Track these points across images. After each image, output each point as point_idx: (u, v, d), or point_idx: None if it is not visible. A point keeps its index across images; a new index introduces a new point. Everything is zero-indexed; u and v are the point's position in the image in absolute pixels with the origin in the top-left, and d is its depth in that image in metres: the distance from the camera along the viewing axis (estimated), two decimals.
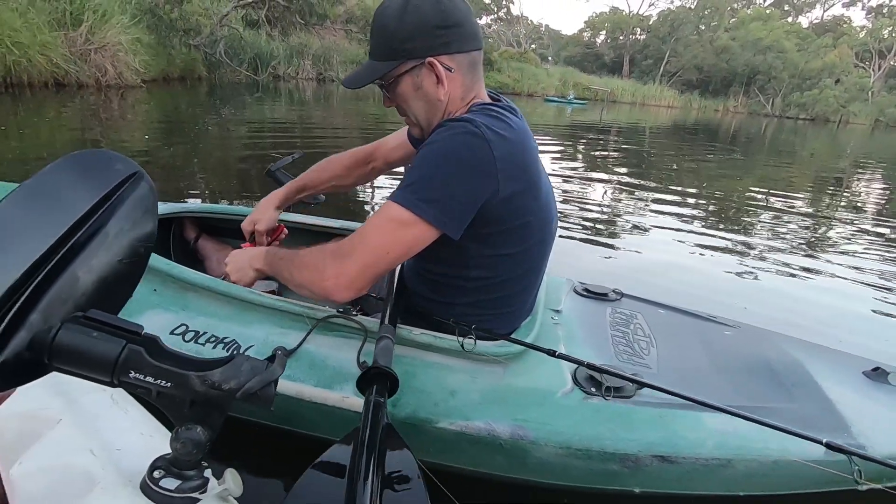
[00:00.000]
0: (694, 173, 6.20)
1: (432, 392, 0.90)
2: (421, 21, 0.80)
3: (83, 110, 6.33)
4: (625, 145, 9.05)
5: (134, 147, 4.45)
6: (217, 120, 6.78)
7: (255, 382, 0.42)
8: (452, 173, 0.78)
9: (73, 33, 7.81)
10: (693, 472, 0.87)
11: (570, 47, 47.33)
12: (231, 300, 1.03)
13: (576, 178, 5.04)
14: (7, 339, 0.39)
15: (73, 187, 0.45)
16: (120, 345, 0.40)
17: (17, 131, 4.56)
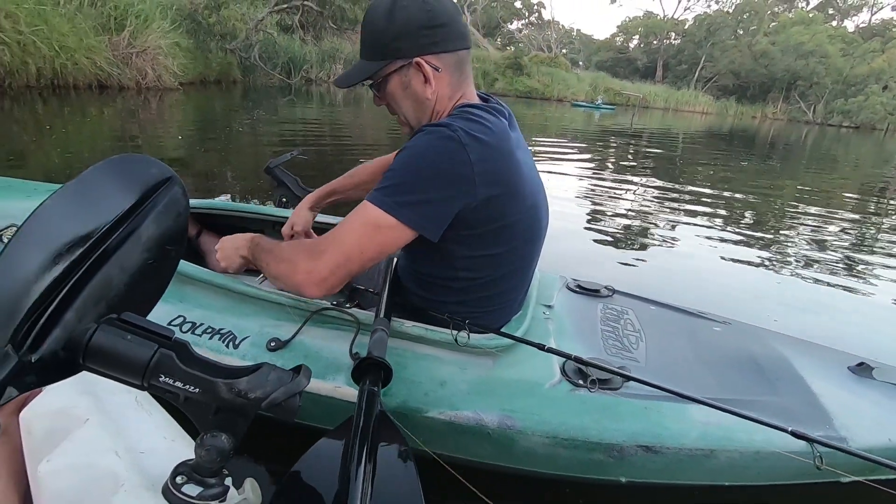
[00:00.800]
0: (726, 180, 6.00)
1: (423, 382, 0.92)
2: (408, 21, 0.82)
3: (123, 111, 6.58)
4: (655, 151, 8.86)
5: (169, 147, 4.58)
6: (250, 122, 6.94)
7: (281, 393, 0.42)
8: (428, 177, 0.79)
9: (117, 38, 8.14)
10: (677, 462, 0.88)
11: (601, 52, 46.79)
12: (227, 293, 1.06)
13: (601, 182, 4.94)
14: (44, 336, 0.39)
15: (112, 190, 0.46)
16: (152, 349, 0.40)
17: (62, 130, 4.77)
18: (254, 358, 0.95)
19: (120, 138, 4.80)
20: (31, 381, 0.40)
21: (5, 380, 0.38)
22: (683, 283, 2.51)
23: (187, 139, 5.13)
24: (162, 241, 0.49)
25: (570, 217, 3.52)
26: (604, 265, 2.65)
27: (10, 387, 0.38)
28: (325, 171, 4.28)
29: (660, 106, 30.13)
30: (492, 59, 27.87)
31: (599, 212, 3.78)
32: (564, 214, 3.56)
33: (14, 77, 6.50)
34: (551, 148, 7.59)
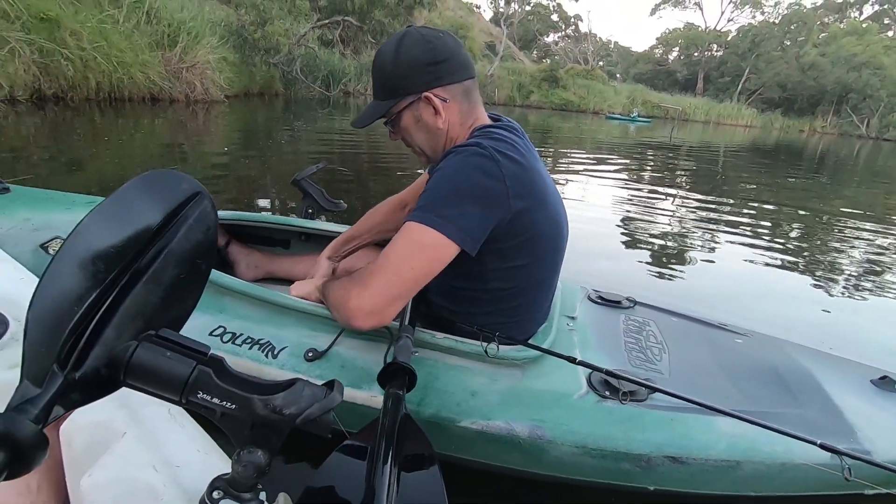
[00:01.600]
0: (770, 195, 5.77)
1: (455, 392, 0.95)
2: (413, 60, 0.89)
3: (173, 123, 6.90)
4: (694, 164, 8.62)
5: (214, 157, 4.77)
6: (290, 133, 7.17)
7: (315, 409, 0.42)
8: (466, 192, 0.82)
9: (169, 53, 8.57)
10: (703, 472, 0.90)
11: (639, 64, 46.09)
12: (265, 304, 1.09)
13: (636, 195, 4.84)
14: (86, 354, 0.40)
15: (145, 206, 0.46)
16: (191, 365, 0.41)
17: (118, 141, 5.04)
18: (292, 368, 0.98)
19: (169, 149, 5.03)
20: (76, 399, 0.40)
21: (52, 398, 0.38)
22: (711, 295, 2.43)
23: (231, 150, 5.32)
24: (193, 256, 0.49)
25: (601, 229, 3.46)
26: (634, 277, 2.59)
27: (58, 405, 0.38)
28: (361, 181, 4.36)
29: (700, 119, 29.35)
30: (527, 71, 27.87)
31: (633, 224, 3.70)
32: (596, 226, 3.51)
33: (76, 90, 6.92)
34: (587, 161, 7.50)
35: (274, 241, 1.64)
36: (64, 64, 6.57)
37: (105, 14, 7.50)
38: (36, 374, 0.39)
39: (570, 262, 1.12)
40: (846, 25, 35.60)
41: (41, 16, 6.37)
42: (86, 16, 7.08)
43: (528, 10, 42.89)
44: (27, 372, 0.39)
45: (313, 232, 1.57)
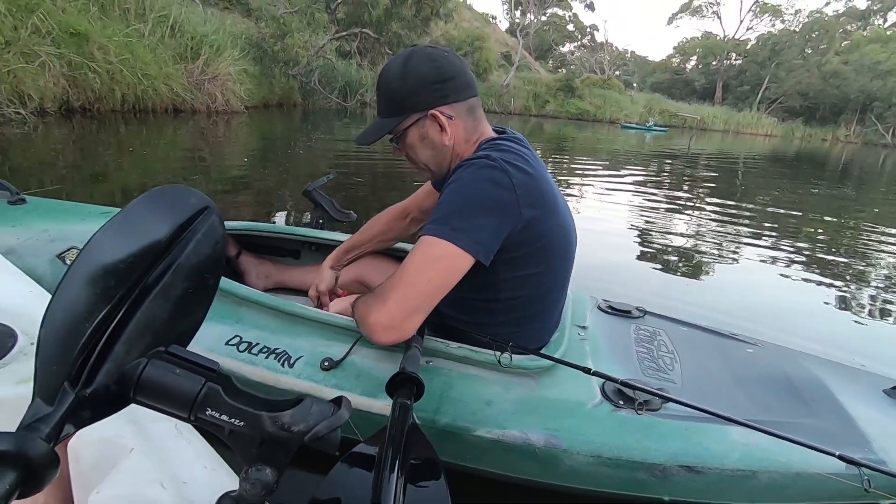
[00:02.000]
0: (792, 206, 5.65)
1: (469, 402, 0.95)
2: (420, 79, 0.90)
3: (195, 133, 7.05)
4: (713, 174, 8.50)
5: (233, 167, 4.85)
6: (308, 143, 7.26)
7: (323, 427, 0.41)
8: (478, 204, 0.84)
9: (192, 65, 8.77)
10: (719, 482, 0.90)
11: (656, 73, 45.83)
12: (280, 314, 1.09)
13: (653, 206, 4.78)
14: (96, 371, 0.40)
15: (155, 221, 0.46)
16: (200, 382, 0.41)
17: (142, 152, 5.16)
18: (308, 377, 0.98)
19: (191, 159, 5.13)
20: (87, 417, 0.40)
21: (64, 417, 0.38)
22: (729, 305, 2.37)
23: (251, 160, 5.41)
24: (201, 270, 0.49)
25: (616, 239, 3.42)
26: (651, 287, 2.55)
27: (69, 424, 0.38)
28: (377, 191, 4.39)
29: (719, 128, 28.99)
30: (543, 81, 27.89)
31: (649, 235, 3.65)
32: (612, 236, 3.47)
33: (102, 102, 7.11)
34: (602, 170, 7.45)
35: (284, 251, 1.67)
36: (91, 77, 6.76)
37: (131, 28, 7.73)
38: (48, 391, 0.39)
39: (586, 272, 1.11)
40: (869, 33, 34.95)
41: (71, 31, 6.59)
42: (113, 30, 7.30)
43: (544, 20, 43.06)
44: (39, 390, 0.39)
45: (323, 242, 1.59)
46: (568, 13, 45.36)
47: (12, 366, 0.70)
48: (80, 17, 6.88)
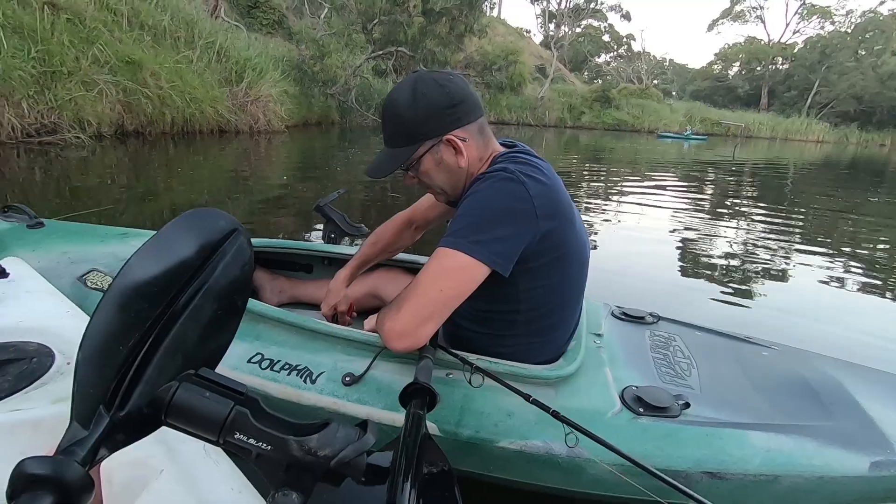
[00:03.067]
0: (847, 214, 5.31)
1: (491, 413, 0.95)
2: (431, 106, 0.90)
3: (238, 153, 7.33)
4: (759, 183, 8.12)
5: (274, 185, 4.99)
6: (345, 160, 7.41)
7: (350, 451, 0.41)
8: (496, 216, 0.85)
9: (236, 88, 9.17)
10: (742, 488, 0.89)
11: (697, 81, 44.69)
12: (300, 330, 1.09)
13: (694, 217, 4.58)
14: (130, 394, 0.41)
15: (186, 244, 0.47)
16: (229, 406, 0.40)
17: (188, 172, 5.40)
18: (331, 393, 0.99)
19: (235, 178, 5.32)
20: (121, 440, 0.40)
21: (99, 440, 0.38)
22: (781, 318, 2.21)
23: (291, 177, 5.56)
24: (230, 292, 0.49)
25: (655, 249, 3.29)
26: (697, 300, 2.42)
27: (103, 448, 0.39)
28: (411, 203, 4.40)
29: (765, 135, 27.88)
30: (578, 92, 27.66)
31: (690, 246, 3.49)
32: (651, 247, 3.34)
33: (153, 126, 7.51)
34: (641, 182, 7.25)
35: (297, 266, 1.69)
36: (144, 102, 7.16)
37: (181, 55, 8.16)
38: (84, 415, 0.39)
39: (628, 282, 1.05)
40: None
41: (126, 59, 7.01)
42: (164, 58, 7.73)
43: (579, 31, 42.84)
44: (76, 413, 0.39)
45: (335, 256, 1.61)
46: (603, 24, 45.00)
47: (49, 385, 0.71)
48: (134, 47, 7.32)
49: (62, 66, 6.09)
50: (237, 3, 15.06)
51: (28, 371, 0.72)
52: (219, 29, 9.69)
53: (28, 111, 5.64)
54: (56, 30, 6.21)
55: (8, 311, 0.88)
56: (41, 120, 5.79)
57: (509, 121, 23.56)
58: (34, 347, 0.78)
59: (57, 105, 5.94)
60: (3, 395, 0.67)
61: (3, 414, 0.63)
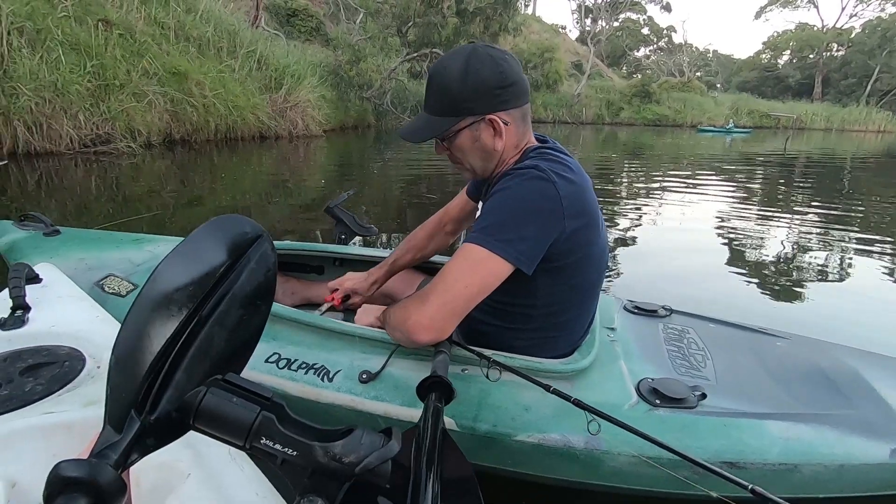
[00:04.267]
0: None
1: (508, 407, 0.96)
2: (482, 83, 0.87)
3: (277, 157, 7.53)
4: (814, 176, 7.66)
5: (312, 189, 5.09)
6: (381, 163, 7.48)
7: (374, 458, 0.41)
8: (524, 215, 0.84)
9: (275, 95, 9.43)
10: (762, 476, 0.89)
11: (743, 72, 42.82)
12: (316, 329, 1.11)
13: (742, 215, 4.35)
14: (160, 398, 0.41)
15: (213, 250, 0.48)
16: (255, 411, 0.41)
17: (231, 177, 5.58)
18: (348, 390, 1.00)
19: (274, 182, 5.45)
20: (151, 444, 0.41)
21: (130, 444, 0.39)
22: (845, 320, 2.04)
23: (329, 181, 5.65)
24: (254, 297, 0.50)
25: (703, 247, 3.13)
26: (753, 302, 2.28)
27: (134, 452, 0.39)
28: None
29: (819, 126, 26.38)
30: (617, 88, 27.00)
31: (739, 245, 3.31)
32: (699, 246, 3.18)
33: (198, 133, 7.81)
34: (686, 178, 6.97)
35: (309, 267, 1.71)
36: (190, 111, 7.46)
37: (224, 64, 8.46)
38: (117, 419, 0.40)
39: (675, 282, 0.98)
40: None
41: (173, 70, 7.32)
42: (208, 67, 8.04)
43: (617, 25, 41.83)
44: (109, 417, 0.40)
45: (347, 257, 1.63)
46: (642, 17, 43.79)
47: (80, 389, 0.73)
48: (181, 58, 7.64)
49: (115, 79, 6.41)
50: (277, 13, 15.51)
51: (60, 374, 0.75)
52: (259, 38, 9.98)
53: (84, 123, 5.96)
54: (109, 45, 6.55)
55: (41, 316, 0.91)
56: (96, 131, 6.10)
57: (545, 119, 23.25)
58: (66, 351, 0.81)
59: (110, 116, 6.26)
60: (37, 397, 0.69)
61: (37, 417, 0.65)
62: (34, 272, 1.07)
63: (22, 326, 0.87)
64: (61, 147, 5.71)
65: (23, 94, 5.27)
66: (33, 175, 4.75)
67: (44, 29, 5.76)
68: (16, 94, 5.25)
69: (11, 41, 5.35)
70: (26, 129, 5.39)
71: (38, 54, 5.57)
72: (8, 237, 1.54)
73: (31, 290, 0.96)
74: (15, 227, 1.60)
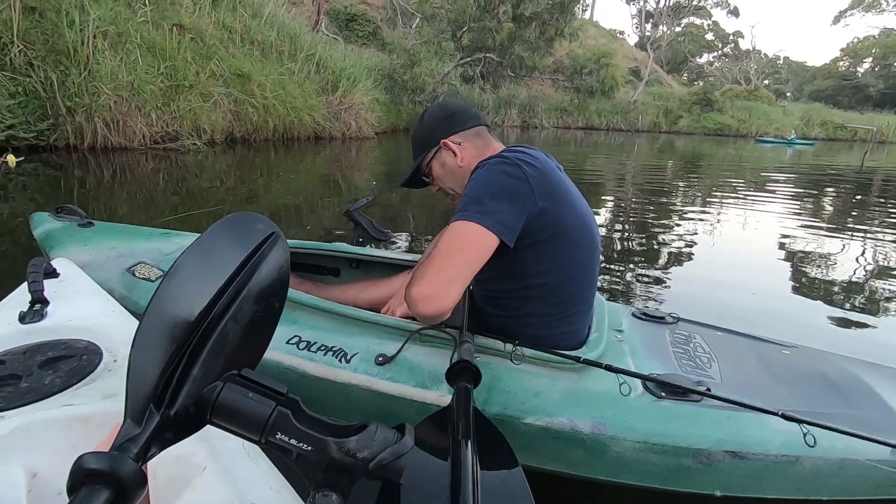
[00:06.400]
0: None
1: (518, 393, 0.99)
2: (433, 119, 1.14)
3: (331, 158, 7.73)
4: (894, 198, 7.04)
5: (363, 189, 5.19)
6: None
7: (388, 454, 0.41)
8: (496, 192, 0.93)
9: (331, 97, 9.71)
10: (763, 469, 0.91)
11: (817, 80, 40.21)
12: (335, 316, 1.16)
13: (811, 235, 4.04)
14: (178, 392, 0.42)
15: (228, 247, 0.49)
16: (271, 406, 0.41)
17: (288, 176, 5.78)
18: (364, 371, 1.04)
19: (327, 182, 5.60)
20: (169, 438, 0.42)
21: (150, 437, 0.40)
22: None
23: (379, 182, 5.75)
24: (268, 294, 0.50)
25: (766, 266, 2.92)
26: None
27: (154, 446, 0.40)
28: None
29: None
30: (676, 95, 26.02)
31: (809, 267, 3.07)
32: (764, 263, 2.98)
33: (258, 133, 8.16)
34: (744, 195, 6.59)
35: (325, 269, 1.75)
36: (251, 111, 7.80)
37: (284, 67, 8.79)
38: (137, 412, 0.41)
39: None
40: None
41: (238, 72, 7.69)
42: (270, 70, 8.38)
43: (679, 31, 40.33)
44: (129, 411, 0.41)
45: (363, 258, 1.65)
46: (707, 21, 42.04)
47: (98, 382, 0.74)
48: (245, 61, 8.01)
49: (185, 79, 6.80)
50: (336, 18, 16.00)
51: (78, 368, 0.76)
52: (318, 42, 10.32)
53: (156, 121, 6.35)
54: (181, 48, 6.96)
55: (59, 310, 0.93)
56: (165, 128, 6.50)
57: (599, 126, 22.69)
58: (84, 345, 0.82)
59: (179, 115, 6.64)
60: (56, 390, 0.71)
61: (56, 409, 0.67)
62: (52, 267, 1.10)
63: (41, 320, 0.88)
64: (134, 143, 6.11)
65: (103, 93, 5.68)
66: (108, 169, 5.10)
67: (124, 33, 6.18)
68: (97, 92, 5.66)
69: (96, 44, 5.77)
70: (105, 126, 5.80)
71: (118, 56, 5.98)
72: (44, 227, 1.64)
73: (48, 285, 0.98)
74: (51, 217, 1.70)
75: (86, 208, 1.83)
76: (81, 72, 5.57)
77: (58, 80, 5.41)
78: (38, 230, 1.63)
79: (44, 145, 5.52)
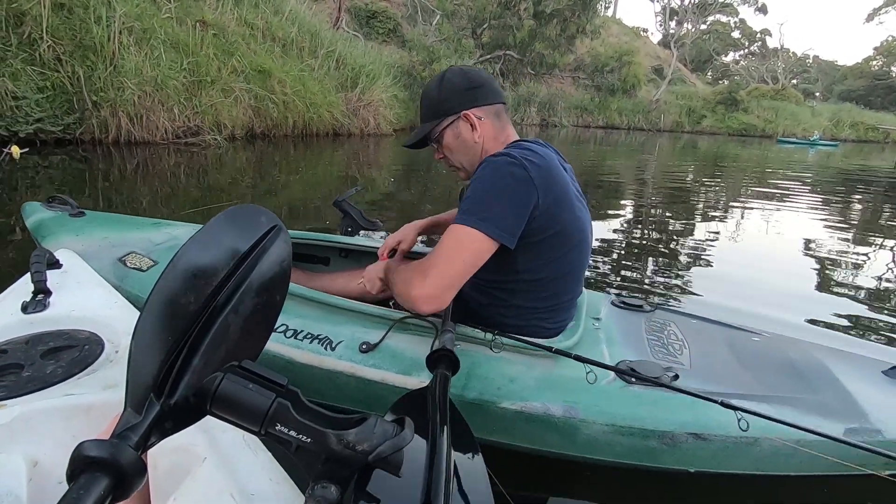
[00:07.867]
0: None
1: (495, 378, 1.04)
2: (453, 87, 1.08)
3: (349, 154, 7.75)
4: None
5: (382, 185, 5.18)
6: None
7: (387, 447, 0.41)
8: (500, 194, 0.95)
9: (350, 94, 9.74)
10: (725, 449, 0.97)
11: (848, 80, 39.05)
12: (321, 305, 1.20)
13: (839, 241, 3.90)
14: (178, 383, 0.42)
15: (230, 239, 0.49)
16: (271, 398, 0.41)
17: (307, 171, 5.80)
18: (349, 359, 1.08)
19: (345, 178, 5.61)
20: (169, 428, 0.42)
21: (150, 426, 0.40)
22: None
23: (397, 178, 5.74)
24: (269, 286, 0.51)
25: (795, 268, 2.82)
26: None
27: (153, 435, 0.40)
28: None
29: None
30: (699, 94, 25.54)
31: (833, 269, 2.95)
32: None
33: (278, 129, 8.22)
34: (771, 196, 6.41)
35: (315, 258, 1.78)
36: (271, 107, 7.87)
37: (304, 64, 8.85)
38: (138, 402, 0.41)
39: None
40: None
41: (259, 68, 7.75)
42: (290, 66, 8.44)
43: (704, 28, 39.52)
44: (130, 400, 0.41)
45: (353, 248, 1.68)
46: (733, 19, 41.14)
47: (99, 372, 0.75)
48: (266, 57, 8.07)
49: (207, 75, 6.88)
50: (357, 14, 16.06)
51: (80, 358, 0.77)
52: (339, 39, 10.36)
53: (178, 115, 6.43)
54: (204, 44, 7.05)
55: (61, 301, 0.94)
56: (187, 123, 6.58)
57: (619, 125, 22.38)
58: (85, 336, 0.83)
59: (200, 110, 6.72)
60: (58, 379, 0.71)
61: (58, 398, 0.67)
62: (55, 258, 1.11)
63: (44, 310, 0.89)
64: (157, 137, 6.20)
65: (128, 88, 5.77)
66: (132, 162, 5.19)
67: (149, 28, 6.28)
68: (122, 87, 5.75)
69: (122, 39, 5.87)
70: (129, 120, 5.90)
71: (142, 52, 6.07)
72: (36, 216, 1.65)
73: (51, 276, 0.99)
74: (43, 207, 1.72)
75: (109, 201, 1.85)
76: (107, 67, 5.67)
77: (84, 75, 5.51)
78: (31, 219, 1.65)
79: (70, 138, 5.63)
